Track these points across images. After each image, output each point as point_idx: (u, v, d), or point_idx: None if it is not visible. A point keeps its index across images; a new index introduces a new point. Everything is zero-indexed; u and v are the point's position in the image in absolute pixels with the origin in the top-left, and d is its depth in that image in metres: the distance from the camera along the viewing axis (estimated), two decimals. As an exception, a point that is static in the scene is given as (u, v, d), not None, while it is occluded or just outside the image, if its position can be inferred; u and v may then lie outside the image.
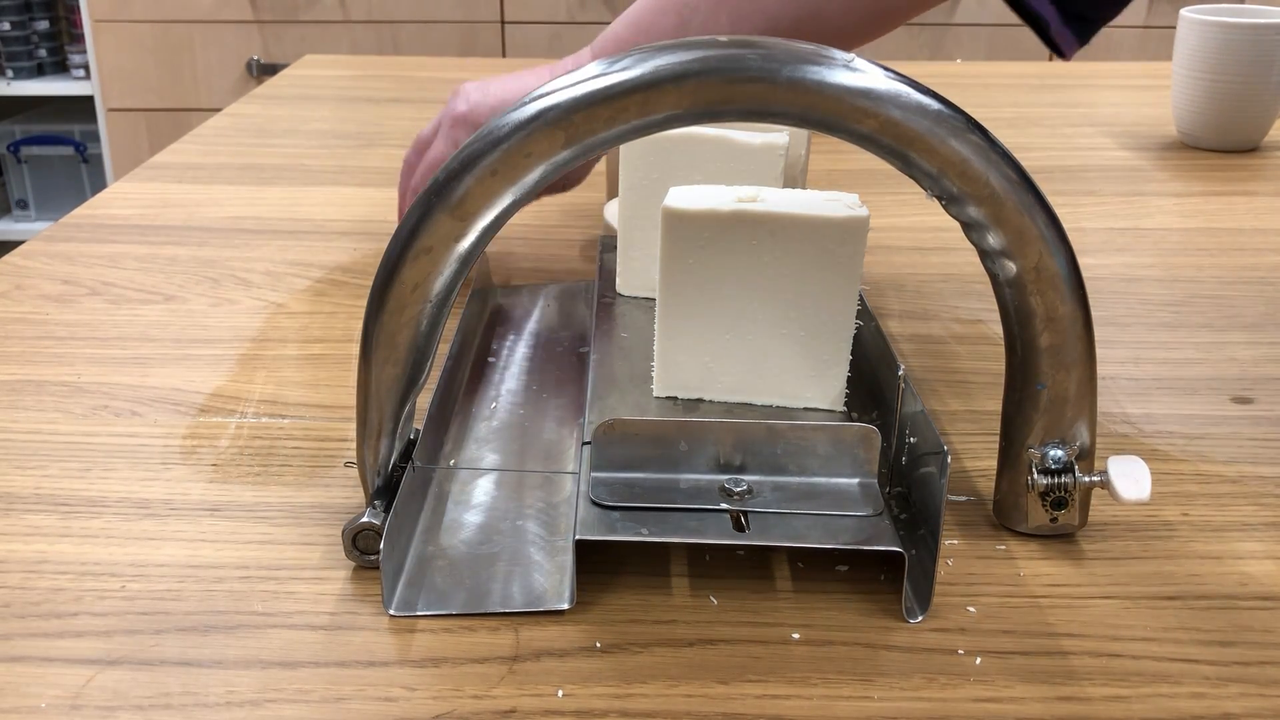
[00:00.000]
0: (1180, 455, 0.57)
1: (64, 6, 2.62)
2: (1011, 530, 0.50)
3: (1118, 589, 0.47)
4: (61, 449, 0.56)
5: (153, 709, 0.40)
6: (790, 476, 0.49)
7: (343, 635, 0.44)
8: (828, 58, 0.43)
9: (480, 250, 0.45)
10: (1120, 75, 1.48)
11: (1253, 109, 1.09)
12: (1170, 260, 0.83)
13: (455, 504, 0.52)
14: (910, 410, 0.49)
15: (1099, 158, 1.09)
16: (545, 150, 0.43)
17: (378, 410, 0.47)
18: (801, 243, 0.52)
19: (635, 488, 0.48)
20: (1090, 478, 0.48)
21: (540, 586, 0.46)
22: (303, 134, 1.15)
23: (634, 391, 0.56)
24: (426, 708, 0.40)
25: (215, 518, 0.51)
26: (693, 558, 0.48)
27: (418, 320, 0.45)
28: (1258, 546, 0.50)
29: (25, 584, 0.46)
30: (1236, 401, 0.62)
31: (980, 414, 0.61)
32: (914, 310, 0.74)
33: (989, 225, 0.44)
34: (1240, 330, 0.71)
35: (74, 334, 0.69)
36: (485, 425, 0.58)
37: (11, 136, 2.65)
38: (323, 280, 0.78)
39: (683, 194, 0.54)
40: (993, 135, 0.44)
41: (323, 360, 0.66)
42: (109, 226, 0.88)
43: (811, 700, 0.41)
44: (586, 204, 0.94)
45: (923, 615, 0.45)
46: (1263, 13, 1.09)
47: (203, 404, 0.61)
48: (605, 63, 0.43)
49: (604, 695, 0.41)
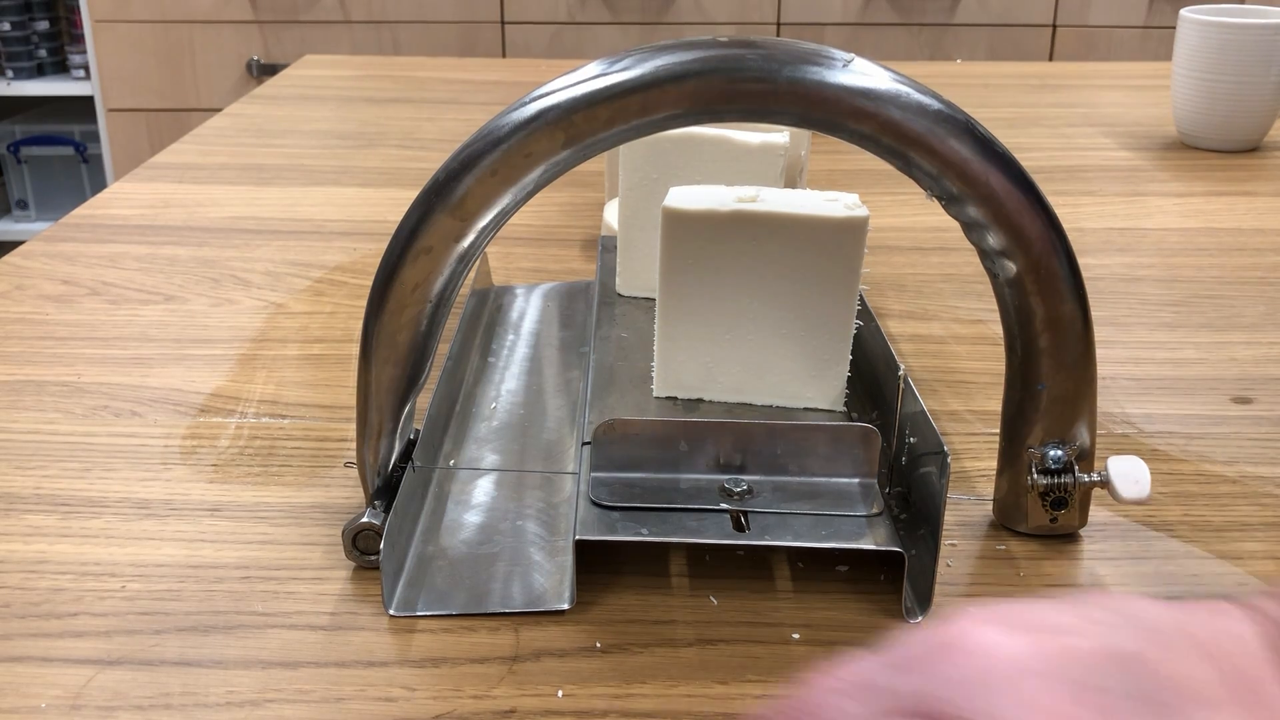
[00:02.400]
0: (1180, 455, 0.57)
1: (64, 6, 2.62)
2: (1011, 530, 0.50)
3: (1118, 589, 0.47)
4: (61, 449, 0.56)
5: (153, 709, 0.40)
6: (790, 476, 0.49)
7: (343, 635, 0.44)
8: (828, 58, 0.43)
9: (480, 250, 0.45)
10: (1120, 75, 1.48)
11: (1253, 109, 1.09)
12: (1170, 260, 0.83)
13: (455, 504, 0.52)
14: (910, 410, 0.49)
15: (1099, 158, 1.09)
16: (545, 150, 0.43)
17: (378, 410, 0.47)
18: (801, 243, 0.52)
19: (635, 488, 0.48)
20: (1090, 478, 0.48)
21: (540, 586, 0.46)
22: (303, 134, 1.15)
23: (634, 391, 0.56)
24: (426, 708, 0.40)
25: (215, 518, 0.51)
26: (693, 558, 0.48)
27: (418, 320, 0.45)
28: (1258, 546, 0.50)
29: (25, 584, 0.46)
30: (1236, 401, 0.62)
31: (980, 414, 0.61)
32: (914, 310, 0.74)
33: (989, 225, 0.44)
34: (1240, 330, 0.71)
35: (74, 334, 0.69)
36: (485, 425, 0.58)
37: (11, 136, 2.64)
38: (322, 280, 0.78)
39: (683, 194, 0.54)
40: (993, 135, 0.44)
41: (323, 360, 0.66)
42: (109, 226, 0.88)
43: (811, 700, 0.41)
44: (586, 204, 0.94)
45: (923, 615, 0.45)
46: (1263, 13, 1.09)
47: (203, 404, 0.61)
48: (605, 62, 0.43)
49: (604, 695, 0.41)
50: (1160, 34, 2.35)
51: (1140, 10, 2.36)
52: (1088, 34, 2.37)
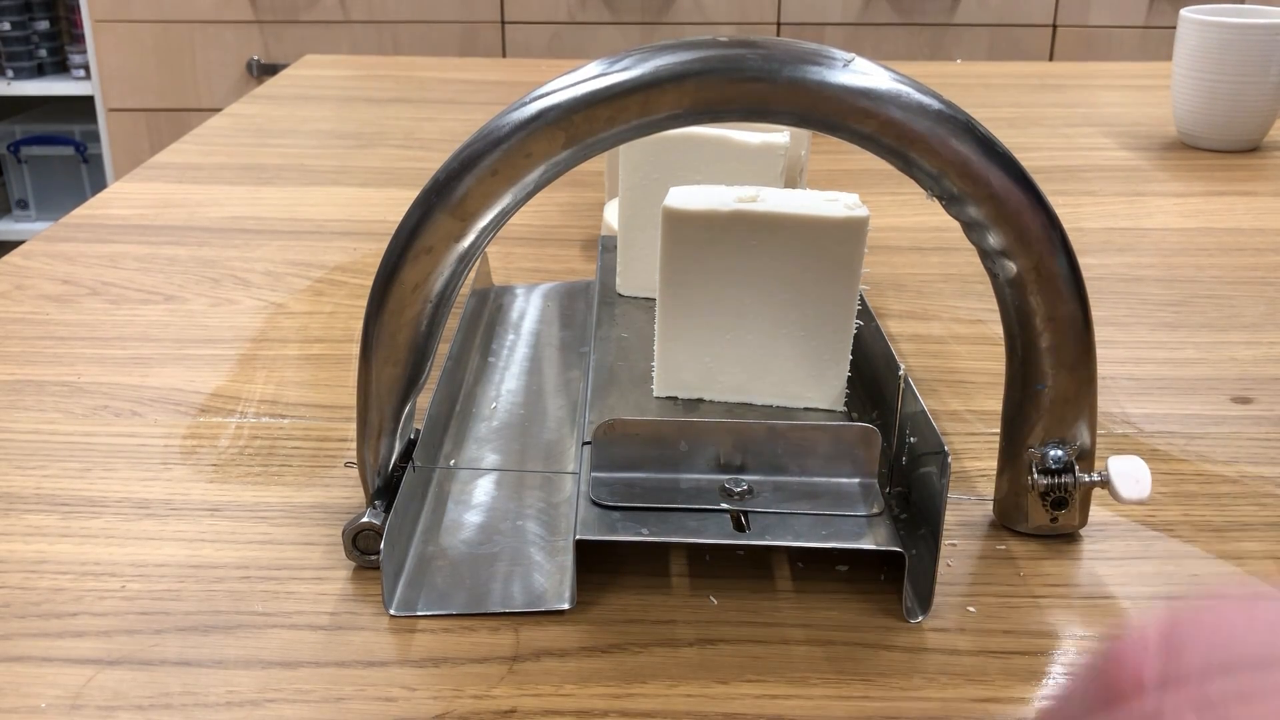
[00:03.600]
0: (1180, 455, 0.57)
1: (64, 6, 2.62)
2: (1011, 530, 0.50)
3: (1118, 589, 0.47)
4: (61, 449, 0.56)
5: (153, 709, 0.40)
6: (790, 476, 0.49)
7: (343, 635, 0.44)
8: (828, 58, 0.43)
9: (480, 250, 0.45)
10: (1120, 75, 1.48)
11: (1253, 109, 1.09)
12: (1170, 260, 0.83)
13: (455, 504, 0.52)
14: (910, 410, 0.49)
15: (1099, 158, 1.09)
16: (545, 150, 0.43)
17: (378, 410, 0.47)
18: (801, 243, 0.52)
19: (635, 488, 0.48)
20: (1090, 478, 0.48)
21: (540, 586, 0.46)
22: (303, 134, 1.15)
23: (634, 391, 0.56)
24: (426, 708, 0.40)
25: (215, 518, 0.51)
26: (693, 558, 0.48)
27: (418, 320, 0.45)
28: (1258, 546, 0.50)
29: (25, 584, 0.46)
30: (1236, 401, 0.62)
31: (980, 414, 0.61)
32: (914, 310, 0.74)
33: (989, 225, 0.44)
34: (1240, 330, 0.71)
35: (74, 334, 0.69)
36: (485, 425, 0.58)
37: (11, 136, 2.64)
38: (323, 280, 0.78)
39: (683, 194, 0.54)
40: (993, 135, 0.44)
41: (323, 360, 0.66)
42: (109, 226, 0.88)
43: (811, 700, 0.41)
44: (586, 204, 0.94)
45: (923, 615, 0.45)
46: (1263, 13, 1.09)
47: (203, 404, 0.61)
48: (605, 62, 0.43)
49: (604, 695, 0.41)
50: (1160, 34, 2.36)
51: (1140, 10, 2.36)
52: (1088, 34, 2.37)
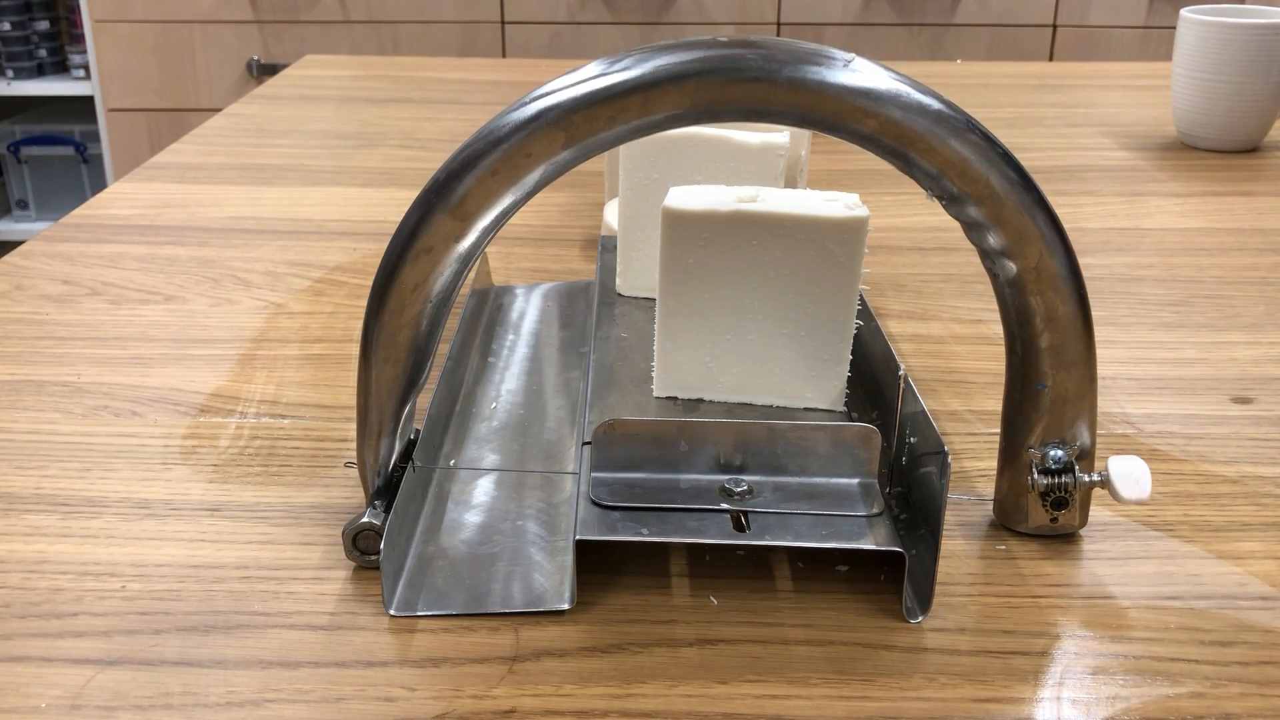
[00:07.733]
0: (1180, 455, 0.57)
1: (64, 6, 2.62)
2: (1012, 530, 0.50)
3: (1118, 589, 0.47)
4: (61, 449, 0.56)
5: (153, 709, 0.40)
6: (790, 476, 0.49)
7: (343, 635, 0.44)
8: (828, 58, 0.43)
9: (480, 250, 0.45)
10: (1120, 75, 1.48)
11: (1253, 109, 1.09)
12: (1170, 260, 0.83)
13: (455, 504, 0.52)
14: (910, 410, 0.49)
15: (1099, 158, 1.09)
16: (545, 150, 0.43)
17: (378, 410, 0.47)
18: (801, 243, 0.52)
19: (635, 488, 0.48)
20: (1090, 478, 0.48)
21: (540, 586, 0.46)
22: (303, 134, 1.15)
23: (634, 391, 0.56)
24: (426, 708, 0.40)
25: (215, 518, 0.51)
26: (693, 558, 0.48)
27: (418, 320, 0.45)
28: (1258, 546, 0.50)
29: (25, 584, 0.46)
30: (1236, 401, 0.62)
31: (980, 414, 0.61)
32: (914, 310, 0.74)
33: (989, 225, 0.44)
34: (1240, 330, 0.71)
35: (74, 334, 0.69)
36: (485, 425, 0.58)
37: (11, 136, 2.65)
38: (322, 280, 0.78)
39: (683, 194, 0.54)
40: (993, 135, 0.44)
41: (323, 360, 0.66)
42: (109, 226, 0.88)
43: (811, 700, 0.41)
44: (586, 204, 0.94)
45: (923, 615, 0.45)
46: (1263, 13, 1.09)
47: (203, 404, 0.61)
48: (605, 62, 0.43)
49: (604, 695, 0.41)
50: (1160, 34, 2.36)
51: (1140, 10, 2.36)
52: (1088, 34, 2.37)
